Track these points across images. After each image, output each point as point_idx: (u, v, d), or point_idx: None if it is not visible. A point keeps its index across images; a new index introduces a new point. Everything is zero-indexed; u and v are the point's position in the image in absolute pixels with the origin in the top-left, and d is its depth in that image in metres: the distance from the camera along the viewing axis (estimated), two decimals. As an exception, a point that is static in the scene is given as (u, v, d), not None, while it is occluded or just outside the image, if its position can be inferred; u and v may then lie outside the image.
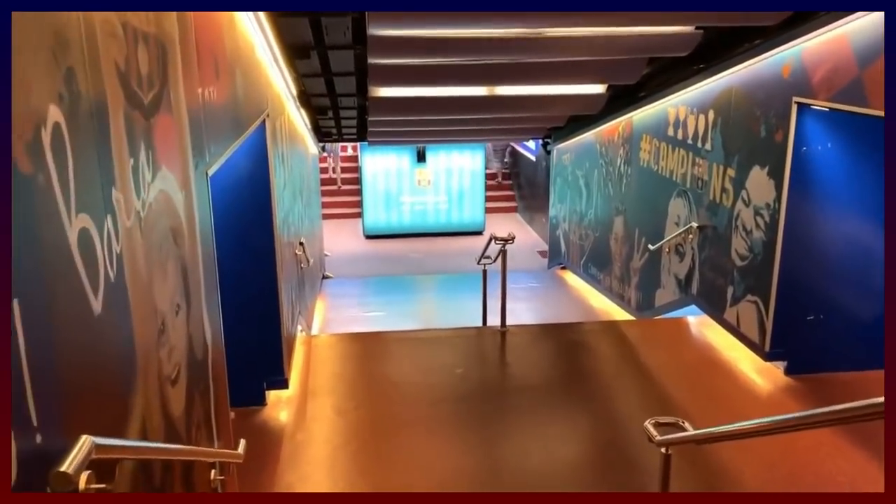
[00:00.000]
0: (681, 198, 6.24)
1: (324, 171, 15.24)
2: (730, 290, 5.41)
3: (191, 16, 2.15)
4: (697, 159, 5.87)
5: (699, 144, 5.83)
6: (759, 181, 4.94)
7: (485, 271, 6.83)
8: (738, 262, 5.27)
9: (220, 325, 2.48)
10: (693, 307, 6.15)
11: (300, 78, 5.80)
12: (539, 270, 11.33)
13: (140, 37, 1.61)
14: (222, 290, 4.07)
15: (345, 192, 16.12)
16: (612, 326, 6.32)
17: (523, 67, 5.82)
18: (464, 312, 8.65)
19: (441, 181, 14.31)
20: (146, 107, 1.63)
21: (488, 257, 6.65)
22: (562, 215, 10.62)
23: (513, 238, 5.68)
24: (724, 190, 5.44)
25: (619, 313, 8.07)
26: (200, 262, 2.16)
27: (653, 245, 6.77)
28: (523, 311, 8.57)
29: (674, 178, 6.36)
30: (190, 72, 2.12)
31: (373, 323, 8.14)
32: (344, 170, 16.63)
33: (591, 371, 5.22)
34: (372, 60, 5.46)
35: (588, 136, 8.93)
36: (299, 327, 5.98)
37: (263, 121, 4.10)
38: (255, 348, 4.42)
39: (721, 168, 5.47)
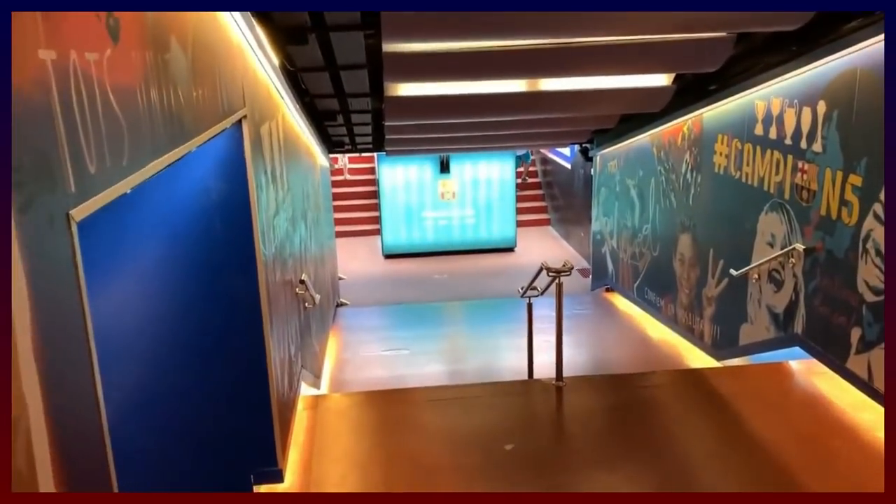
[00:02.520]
0: (776, 212, 5.10)
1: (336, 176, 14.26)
2: (855, 333, 4.25)
3: None
4: (801, 164, 4.73)
5: (803, 145, 4.69)
6: (902, 191, 3.79)
7: (530, 305, 5.73)
8: (870, 297, 4.11)
9: None
10: (793, 349, 5.01)
11: (299, 72, 4.76)
12: (581, 293, 10.19)
13: None
14: (182, 364, 3.03)
15: (362, 208, 15.12)
16: (695, 377, 5.17)
17: (573, 53, 4.73)
18: (502, 350, 7.56)
19: (467, 193, 13.23)
20: None
21: (535, 289, 5.55)
22: (608, 230, 9.48)
23: (570, 268, 4.57)
24: (844, 203, 4.29)
25: (688, 350, 6.92)
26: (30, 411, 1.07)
27: (736, 270, 5.62)
28: (572, 346, 7.42)
29: (765, 188, 5.21)
30: None
31: (394, 365, 7.06)
32: (359, 182, 15.64)
33: (682, 443, 4.08)
34: (387, 48, 4.40)
35: (642, 138, 7.81)
36: (304, 385, 4.92)
37: (239, 124, 3.05)
38: (237, 431, 3.36)
39: (839, 175, 4.32)
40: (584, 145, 10.73)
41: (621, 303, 9.10)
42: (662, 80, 5.83)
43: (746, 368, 5.46)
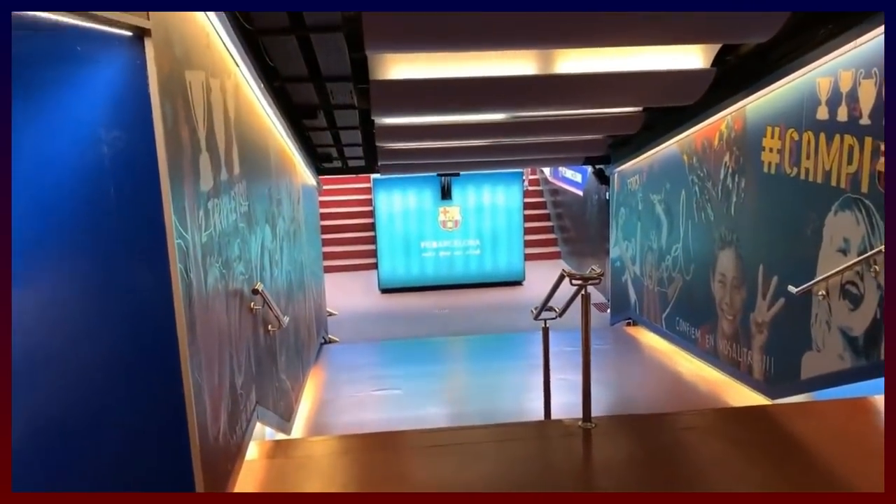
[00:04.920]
0: (849, 211, 4.19)
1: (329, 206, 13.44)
2: (974, 356, 3.30)
3: None
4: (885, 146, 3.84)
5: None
6: None
7: (546, 330, 4.80)
8: None
9: None
10: (878, 381, 4.05)
11: (259, 36, 3.93)
12: (600, 328, 9.23)
13: None
14: (59, 398, 2.10)
15: (357, 241, 14.26)
16: (755, 416, 4.20)
17: (596, 21, 3.90)
18: (509, 390, 6.62)
19: (471, 222, 12.35)
20: None
21: (552, 309, 4.62)
22: (629, 255, 8.56)
23: (600, 275, 3.66)
24: (952, 187, 3.39)
25: (729, 387, 5.95)
26: None
27: (796, 287, 4.69)
28: (593, 385, 6.49)
29: (833, 183, 4.31)
30: None
31: (384, 408, 6.10)
32: (355, 214, 14.83)
33: (755, 499, 3.10)
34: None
35: (668, 147, 6.96)
36: (267, 429, 3.97)
37: (140, 44, 2.19)
38: (140, 486, 2.40)
39: (943, 152, 3.43)
40: (598, 167, 9.92)
41: (646, 337, 8.14)
42: (699, 61, 4.99)
43: (817, 405, 4.49)
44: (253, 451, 3.59)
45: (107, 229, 2.25)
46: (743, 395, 5.78)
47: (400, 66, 4.76)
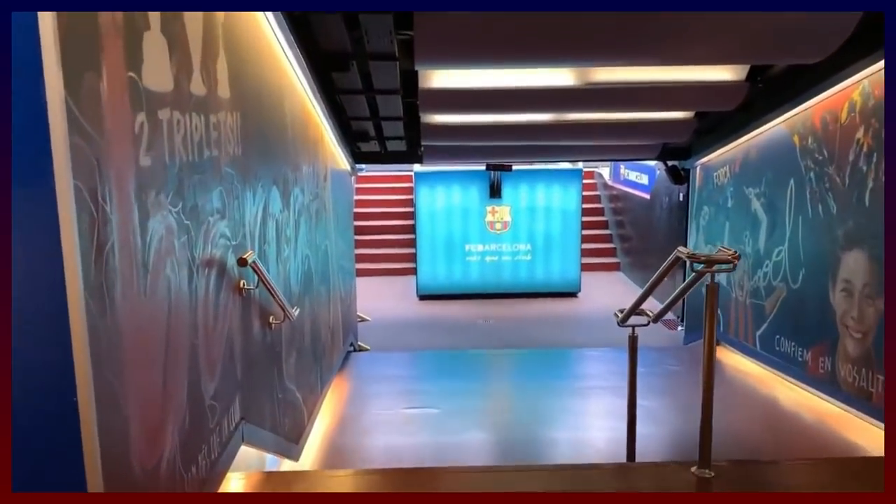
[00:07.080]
0: None
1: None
2: None
3: None
4: None
5: None
6: None
7: (633, 339, 3.76)
8: None
9: None
10: None
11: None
12: (672, 347, 8.14)
13: None
14: None
15: (396, 243, 13.38)
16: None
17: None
18: (567, 414, 5.61)
19: (522, 224, 11.31)
20: None
21: (643, 314, 3.59)
22: (712, 262, 7.43)
23: (735, 256, 2.62)
24: None
25: (846, 421, 4.84)
26: None
27: (972, 295, 3.57)
28: (666, 412, 5.43)
29: None
30: None
31: (418, 429, 5.13)
32: (394, 215, 13.97)
33: None
34: None
35: (772, 127, 5.88)
36: (268, 455, 3.00)
37: None
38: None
39: None
40: (671, 164, 8.84)
41: (731, 359, 7.00)
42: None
43: None
44: (233, 486, 2.63)
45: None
46: (868, 433, 4.67)
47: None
